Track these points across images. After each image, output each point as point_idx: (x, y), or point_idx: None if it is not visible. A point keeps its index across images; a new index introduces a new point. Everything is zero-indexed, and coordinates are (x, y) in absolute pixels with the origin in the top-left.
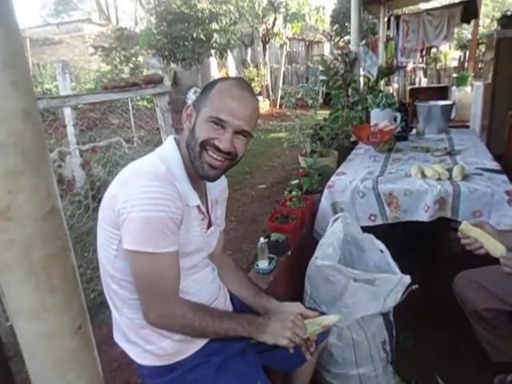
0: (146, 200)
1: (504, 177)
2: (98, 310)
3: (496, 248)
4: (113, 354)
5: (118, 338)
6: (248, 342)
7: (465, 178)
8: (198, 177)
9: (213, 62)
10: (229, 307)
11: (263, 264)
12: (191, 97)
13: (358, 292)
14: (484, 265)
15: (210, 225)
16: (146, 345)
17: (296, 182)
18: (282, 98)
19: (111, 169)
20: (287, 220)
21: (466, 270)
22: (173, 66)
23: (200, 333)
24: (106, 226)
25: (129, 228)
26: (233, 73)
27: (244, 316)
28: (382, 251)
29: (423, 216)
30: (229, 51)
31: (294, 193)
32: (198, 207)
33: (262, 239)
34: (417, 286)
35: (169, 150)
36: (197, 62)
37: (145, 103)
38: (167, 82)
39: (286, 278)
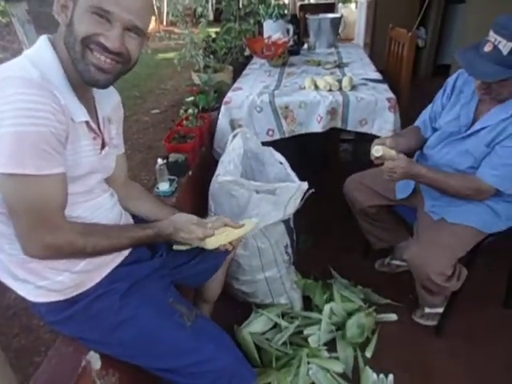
0: (20, 111)
1: (385, 86)
2: None
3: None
4: (5, 301)
5: (3, 278)
6: (157, 260)
7: (353, 88)
8: (85, 83)
9: None
10: None
11: (164, 186)
12: None
13: (260, 203)
14: (369, 168)
15: (104, 145)
16: (38, 281)
17: (191, 99)
18: (168, 13)
19: None
20: (185, 140)
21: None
22: None
23: (96, 255)
24: None
25: None
26: None
27: (146, 234)
28: (281, 163)
29: (317, 127)
30: None
31: (190, 111)
32: (87, 123)
33: (159, 160)
34: (313, 190)
35: (41, 52)
36: None
37: None
38: None
39: (188, 198)
